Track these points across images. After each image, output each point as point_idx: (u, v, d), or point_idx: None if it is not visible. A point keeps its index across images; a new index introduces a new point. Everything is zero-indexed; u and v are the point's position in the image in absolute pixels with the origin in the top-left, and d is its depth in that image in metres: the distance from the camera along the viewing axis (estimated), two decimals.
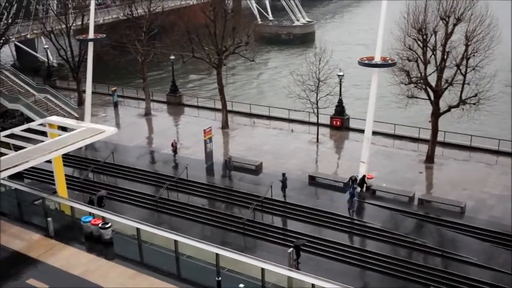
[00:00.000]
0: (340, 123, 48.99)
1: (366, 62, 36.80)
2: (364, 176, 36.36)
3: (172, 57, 56.25)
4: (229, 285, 22.23)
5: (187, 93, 62.46)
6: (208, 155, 41.81)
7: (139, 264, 24.13)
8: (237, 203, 37.07)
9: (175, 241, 24.13)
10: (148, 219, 32.87)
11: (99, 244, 25.18)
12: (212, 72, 54.18)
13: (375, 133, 39.73)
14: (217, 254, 22.46)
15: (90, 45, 47.95)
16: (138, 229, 25.23)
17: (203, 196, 38.38)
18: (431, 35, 39.61)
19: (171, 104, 57.60)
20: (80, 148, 36.69)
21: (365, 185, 36.73)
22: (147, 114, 54.26)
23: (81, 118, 48.98)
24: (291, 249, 29.90)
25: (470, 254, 30.62)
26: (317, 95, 44.57)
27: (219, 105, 51.37)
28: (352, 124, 49.10)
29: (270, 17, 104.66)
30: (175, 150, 42.85)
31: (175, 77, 59.99)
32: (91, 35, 47.92)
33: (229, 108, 51.68)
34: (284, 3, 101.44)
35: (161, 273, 23.25)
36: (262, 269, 22.56)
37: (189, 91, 66.56)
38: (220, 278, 22.32)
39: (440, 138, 42.62)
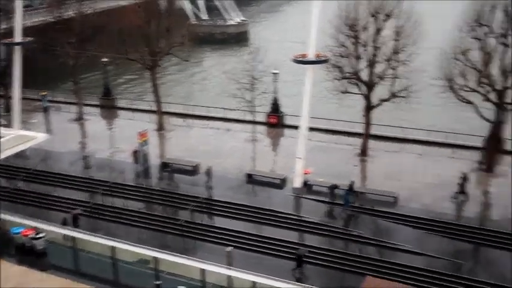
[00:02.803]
0: (276, 121, 49.44)
1: (300, 59, 37.24)
2: (352, 182, 35.94)
3: (104, 59, 55.14)
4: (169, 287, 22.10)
5: (122, 96, 61.39)
6: (145, 158, 41.26)
7: (76, 273, 23.60)
8: (175, 204, 36.74)
9: (112, 247, 23.77)
10: (83, 226, 32.06)
11: (31, 255, 24.41)
12: (146, 74, 53.47)
13: (310, 129, 40.22)
14: (155, 258, 22.24)
15: (18, 49, 46.25)
16: (73, 237, 24.68)
17: (140, 200, 37.81)
18: (362, 31, 40.66)
19: (104, 108, 56.46)
20: (8, 156, 35.32)
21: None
22: (80, 118, 52.93)
23: (9, 125, 47.18)
24: (230, 248, 29.91)
25: (404, 241, 31.57)
26: (252, 93, 44.79)
27: (154, 107, 50.76)
28: (288, 121, 49.66)
29: (204, 16, 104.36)
30: (135, 158, 41.67)
31: (109, 79, 58.84)
32: (18, 38, 46.20)
33: (164, 109, 51.17)
34: (218, 2, 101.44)
35: (99, 280, 22.85)
36: (202, 270, 22.55)
37: (123, 94, 65.42)
38: (160, 282, 22.15)
39: (373, 131, 43.76)
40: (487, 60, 38.06)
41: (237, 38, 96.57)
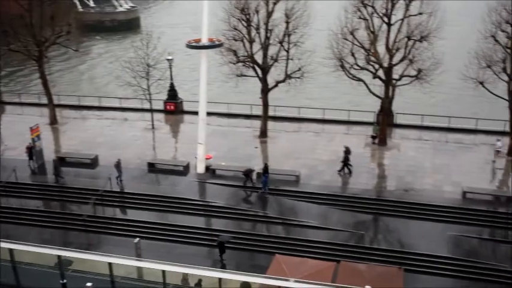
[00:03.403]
0: (174, 108, 48.94)
1: (194, 44, 36.94)
2: (266, 164, 35.77)
3: None
4: (76, 285, 21.30)
5: (7, 90, 57.86)
6: (39, 154, 39.27)
7: None
8: (75, 200, 35.41)
9: (11, 250, 22.46)
10: None
11: None
12: (33, 66, 50.69)
13: (209, 114, 40.26)
14: (59, 256, 21.31)
15: None
16: None
17: (37, 198, 36.07)
18: (254, 14, 41.03)
19: None
20: None
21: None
22: None
23: None
24: (137, 239, 29.40)
25: (308, 218, 32.59)
26: (148, 80, 43.95)
27: (44, 100, 48.33)
28: (186, 107, 49.35)
29: (92, 3, 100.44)
30: (30, 154, 39.16)
31: None
32: None
33: (56, 102, 48.90)
34: None
35: None
36: (110, 264, 21.93)
37: (9, 88, 61.69)
38: (65, 281, 21.29)
39: (271, 113, 44.55)
40: (373, 39, 39.82)
41: (128, 25, 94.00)
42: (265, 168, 35.12)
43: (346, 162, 37.01)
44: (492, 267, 28.55)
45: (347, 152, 37.13)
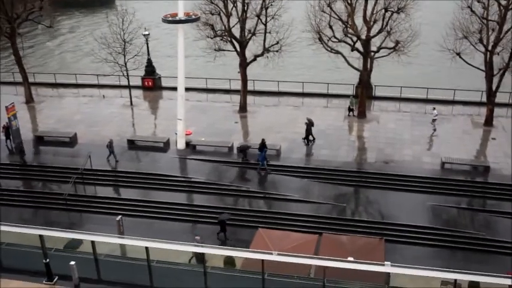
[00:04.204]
0: (152, 84, 48.45)
1: (170, 18, 36.43)
2: (263, 140, 35.42)
3: None
4: (60, 264, 21.26)
5: None
6: (15, 133, 38.65)
7: None
8: (55, 179, 35.09)
9: None
10: None
11: None
12: (6, 43, 49.55)
13: (188, 89, 39.96)
14: (40, 236, 21.18)
15: None
16: None
17: (17, 178, 35.67)
18: None
19: None
20: None
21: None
22: None
23: None
24: (120, 216, 29.34)
25: (290, 192, 32.80)
26: (124, 57, 43.31)
27: (19, 78, 47.40)
28: (165, 83, 48.90)
29: None
30: (6, 134, 38.49)
31: None
32: None
33: (31, 80, 48.03)
34: None
35: None
36: (93, 242, 21.91)
37: None
38: (48, 260, 21.21)
39: (250, 87, 44.38)
40: (350, 12, 39.69)
41: (102, 0, 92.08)
42: (263, 144, 34.96)
43: (308, 133, 37.33)
44: (470, 235, 29.16)
45: (310, 123, 37.41)
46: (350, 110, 41.72)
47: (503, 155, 35.49)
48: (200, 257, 23.08)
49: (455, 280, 19.24)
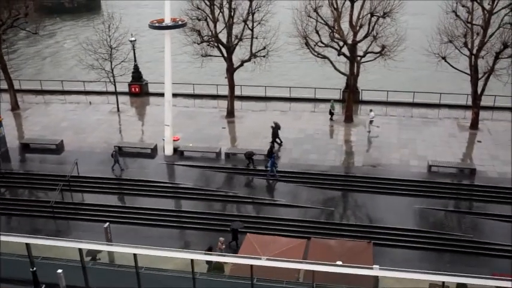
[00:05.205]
0: (139, 90, 48.30)
1: (157, 24, 36.39)
2: (271, 146, 35.62)
3: None
4: (47, 273, 21.07)
5: None
6: (1, 141, 38.36)
7: None
8: (42, 186, 34.85)
9: None
10: None
11: None
12: None
13: (175, 95, 39.91)
14: (27, 244, 20.98)
15: None
16: None
17: (2, 186, 35.37)
18: None
19: None
20: None
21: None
22: None
23: None
24: (107, 223, 29.16)
25: (278, 196, 32.89)
26: (111, 63, 43.18)
27: (5, 86, 47.03)
28: (152, 89, 48.77)
29: None
30: None
31: None
32: None
33: (17, 87, 47.67)
34: None
35: None
36: (80, 250, 21.74)
37: None
38: (35, 268, 21.00)
39: (237, 92, 44.39)
40: (337, 16, 39.88)
41: (88, 6, 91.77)
42: (271, 150, 34.88)
43: (275, 137, 37.49)
44: (457, 237, 29.35)
45: (276, 127, 37.65)
46: (331, 114, 41.79)
47: (489, 158, 35.79)
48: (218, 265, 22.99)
49: (443, 282, 19.31)
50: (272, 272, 20.78)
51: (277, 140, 37.72)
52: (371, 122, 39.87)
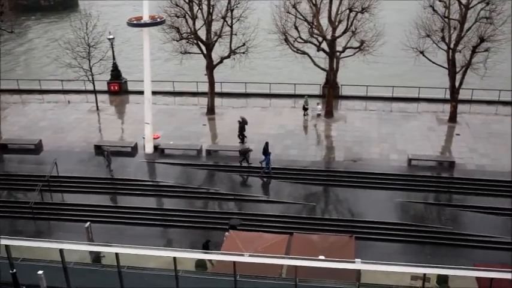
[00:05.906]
0: (118, 88, 47.90)
1: (135, 22, 36.11)
2: (266, 143, 35.29)
3: None
4: (27, 274, 20.84)
5: None
6: None
7: None
8: (21, 187, 34.44)
9: None
10: None
11: None
12: None
13: (154, 93, 39.65)
14: (7, 246, 20.71)
15: None
16: None
17: None
18: None
19: None
20: None
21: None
22: None
23: None
24: (88, 223, 28.93)
25: (261, 192, 32.93)
26: (89, 61, 42.77)
27: None
28: (131, 87, 48.38)
29: None
30: None
31: None
32: None
33: None
34: None
35: None
36: (61, 250, 21.52)
37: None
38: (15, 270, 20.75)
39: (217, 89, 44.28)
40: (315, 12, 39.97)
41: (65, 4, 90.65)
42: (266, 147, 34.78)
43: (241, 131, 37.71)
44: (437, 230, 29.67)
45: (243, 122, 37.93)
46: (305, 109, 41.86)
47: (467, 150, 36.22)
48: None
49: (425, 274, 19.54)
50: (255, 268, 20.80)
51: (242, 135, 37.76)
52: (318, 115, 40.75)
